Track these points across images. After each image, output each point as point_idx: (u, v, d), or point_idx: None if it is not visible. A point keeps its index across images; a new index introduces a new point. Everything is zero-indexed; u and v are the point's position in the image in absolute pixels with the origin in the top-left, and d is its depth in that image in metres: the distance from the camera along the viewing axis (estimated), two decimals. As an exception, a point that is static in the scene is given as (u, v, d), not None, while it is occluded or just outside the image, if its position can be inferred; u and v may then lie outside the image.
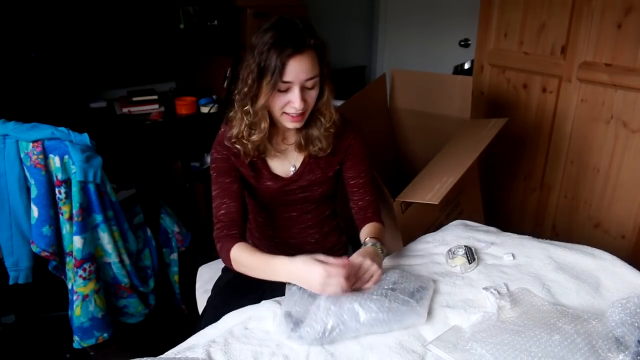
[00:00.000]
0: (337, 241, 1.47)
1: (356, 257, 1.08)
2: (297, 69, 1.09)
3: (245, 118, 1.18)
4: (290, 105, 1.13)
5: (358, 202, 1.34)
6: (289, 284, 1.09)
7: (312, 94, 1.16)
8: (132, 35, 2.48)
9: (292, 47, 1.07)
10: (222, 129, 1.28)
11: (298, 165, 1.30)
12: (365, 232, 1.27)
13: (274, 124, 1.23)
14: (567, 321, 0.96)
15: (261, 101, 1.13)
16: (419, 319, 1.02)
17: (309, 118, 1.22)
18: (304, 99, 1.13)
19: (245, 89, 1.14)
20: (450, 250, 1.27)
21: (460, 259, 1.23)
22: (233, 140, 1.22)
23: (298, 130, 1.24)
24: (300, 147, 1.27)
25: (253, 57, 1.11)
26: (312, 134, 1.25)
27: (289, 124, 1.18)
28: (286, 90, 1.12)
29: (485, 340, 0.93)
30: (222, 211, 1.20)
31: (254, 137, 1.19)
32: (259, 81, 1.11)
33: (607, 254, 1.24)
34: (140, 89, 2.52)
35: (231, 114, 1.23)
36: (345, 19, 3.61)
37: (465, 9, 2.98)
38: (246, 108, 1.16)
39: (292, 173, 1.30)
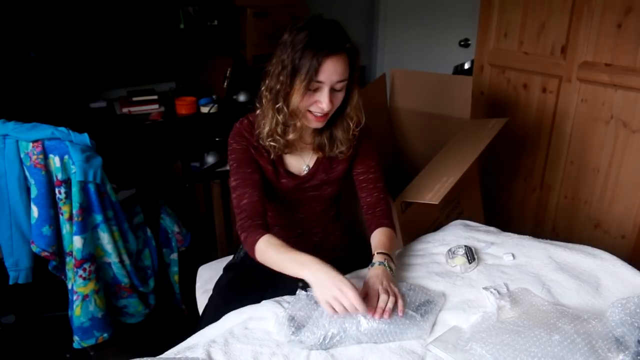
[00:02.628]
0: (339, 242, 1.47)
1: (372, 289, 1.04)
2: (331, 70, 1.09)
3: (278, 116, 1.17)
4: (317, 105, 1.14)
5: (366, 199, 1.32)
6: (300, 289, 1.09)
7: (339, 97, 1.16)
8: (132, 35, 2.48)
9: (328, 48, 1.08)
10: (241, 122, 1.27)
11: (312, 164, 1.31)
12: (375, 242, 1.23)
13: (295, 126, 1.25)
14: (567, 321, 0.96)
15: (296, 100, 1.13)
16: (421, 334, 1.01)
17: (335, 120, 1.23)
18: (331, 101, 1.13)
19: (278, 86, 1.14)
20: (450, 250, 1.27)
21: (460, 259, 1.23)
22: (266, 138, 1.21)
23: (319, 131, 1.24)
24: (319, 148, 1.27)
25: (287, 54, 1.10)
26: (336, 135, 1.24)
27: (312, 123, 1.18)
28: (315, 90, 1.12)
29: (485, 341, 0.93)
30: (245, 200, 1.19)
31: (291, 136, 1.20)
32: (292, 79, 1.11)
33: (607, 254, 1.24)
34: (140, 89, 2.52)
35: (258, 111, 1.22)
36: (345, 19, 3.58)
37: (465, 9, 2.98)
38: (278, 105, 1.15)
39: (305, 172, 1.31)
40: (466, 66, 2.72)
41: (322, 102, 1.12)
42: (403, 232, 1.57)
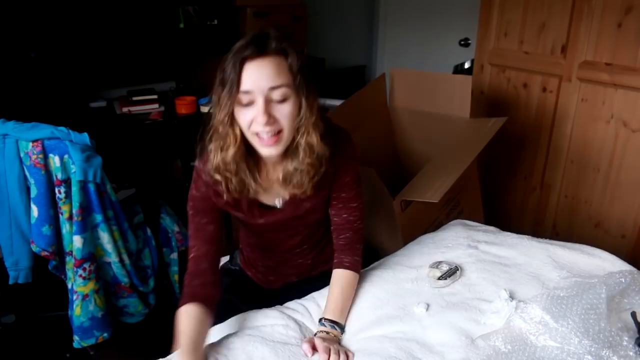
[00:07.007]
0: (331, 258, 1.24)
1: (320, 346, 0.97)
2: (256, 75, 0.94)
3: (219, 142, 1.02)
4: (255, 122, 0.96)
5: (334, 218, 1.17)
6: None
7: (283, 110, 0.97)
8: (132, 35, 2.48)
9: (249, 50, 0.94)
10: (197, 163, 1.12)
11: (285, 199, 1.15)
12: (328, 296, 1.11)
13: (257, 158, 1.08)
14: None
15: (221, 114, 0.98)
16: None
17: (290, 150, 1.03)
18: (270, 114, 0.95)
19: (216, 111, 1.00)
20: (440, 262, 1.24)
21: (437, 273, 1.18)
22: (214, 174, 1.05)
23: (280, 164, 1.08)
24: (283, 183, 1.09)
25: (219, 73, 0.98)
26: (288, 169, 1.05)
27: (262, 149, 1.00)
28: (250, 104, 0.96)
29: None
30: (192, 254, 1.10)
31: (228, 155, 1.02)
32: (221, 95, 0.97)
33: (607, 254, 1.24)
34: (140, 89, 2.52)
35: (208, 146, 1.06)
36: (345, 19, 3.61)
37: (465, 8, 2.98)
38: (219, 131, 1.02)
39: (279, 205, 1.15)
40: (466, 65, 2.72)
41: (257, 116, 0.94)
42: (403, 231, 1.57)
